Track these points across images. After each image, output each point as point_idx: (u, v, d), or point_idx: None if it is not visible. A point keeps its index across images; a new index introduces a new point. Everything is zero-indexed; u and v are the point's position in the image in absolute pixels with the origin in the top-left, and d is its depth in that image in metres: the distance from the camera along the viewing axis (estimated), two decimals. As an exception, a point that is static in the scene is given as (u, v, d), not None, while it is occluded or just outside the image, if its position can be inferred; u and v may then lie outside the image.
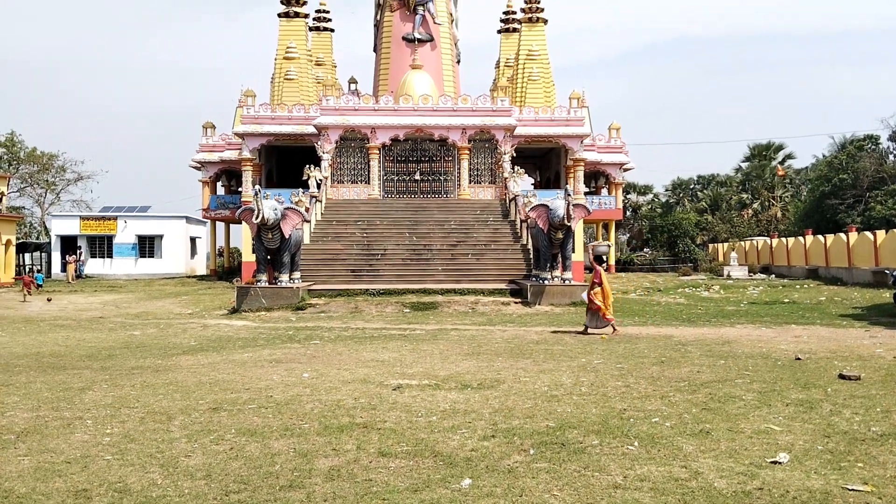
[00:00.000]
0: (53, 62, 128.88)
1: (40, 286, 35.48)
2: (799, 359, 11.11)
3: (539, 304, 21.40)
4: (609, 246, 19.92)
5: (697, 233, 49.70)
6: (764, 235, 46.49)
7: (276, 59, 38.96)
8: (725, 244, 46.84)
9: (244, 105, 36.59)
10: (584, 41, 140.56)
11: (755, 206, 53.67)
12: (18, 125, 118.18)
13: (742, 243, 44.27)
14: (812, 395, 8.40)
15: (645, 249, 52.97)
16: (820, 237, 33.03)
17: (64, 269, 29.34)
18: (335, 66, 45.92)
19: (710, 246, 49.57)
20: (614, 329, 15.07)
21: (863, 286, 26.82)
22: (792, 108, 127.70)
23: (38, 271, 41.76)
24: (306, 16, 39.99)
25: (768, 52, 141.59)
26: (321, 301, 21.79)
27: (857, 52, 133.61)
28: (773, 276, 35.23)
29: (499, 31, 47.47)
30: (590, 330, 15.21)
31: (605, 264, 15.98)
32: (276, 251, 21.78)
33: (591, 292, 15.20)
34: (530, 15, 39.62)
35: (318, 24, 45.51)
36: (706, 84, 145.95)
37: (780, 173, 53.82)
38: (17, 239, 40.30)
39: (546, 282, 22.08)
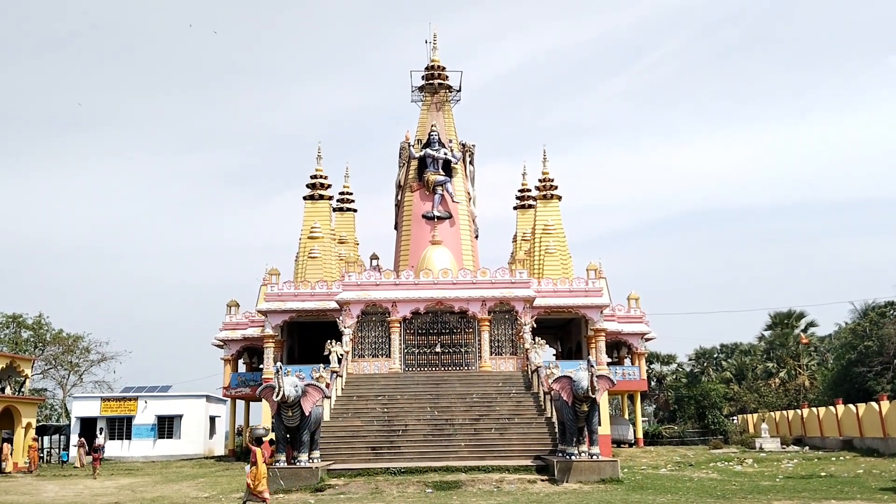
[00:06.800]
0: (83, 245, 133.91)
1: (64, 462, 35.07)
2: (844, 537, 10.54)
3: (566, 482, 20.61)
4: (266, 430, 20.49)
5: (725, 403, 48.59)
6: (793, 405, 45.39)
7: (300, 239, 40.32)
8: (755, 415, 45.62)
9: (268, 283, 37.42)
10: (598, 217, 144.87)
11: (782, 374, 52.72)
12: (47, 307, 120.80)
13: (772, 414, 43.13)
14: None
15: (675, 420, 51.68)
16: (852, 407, 32.16)
17: (88, 452, 30.01)
18: (357, 244, 47.37)
19: (740, 417, 48.29)
20: None
21: (902, 457, 25.79)
22: (810, 276, 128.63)
23: (63, 450, 41.24)
24: (330, 198, 41.84)
25: (783, 222, 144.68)
26: (341, 482, 21.17)
27: (871, 222, 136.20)
28: (807, 447, 34.03)
29: (515, 208, 49.14)
30: None
31: (262, 446, 17.21)
32: (295, 429, 21.45)
33: (249, 472, 16.26)
34: (545, 192, 41.16)
35: (342, 206, 47.50)
36: (723, 255, 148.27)
37: (805, 341, 53.30)
38: (38, 421, 40.04)
39: (573, 457, 21.34)
